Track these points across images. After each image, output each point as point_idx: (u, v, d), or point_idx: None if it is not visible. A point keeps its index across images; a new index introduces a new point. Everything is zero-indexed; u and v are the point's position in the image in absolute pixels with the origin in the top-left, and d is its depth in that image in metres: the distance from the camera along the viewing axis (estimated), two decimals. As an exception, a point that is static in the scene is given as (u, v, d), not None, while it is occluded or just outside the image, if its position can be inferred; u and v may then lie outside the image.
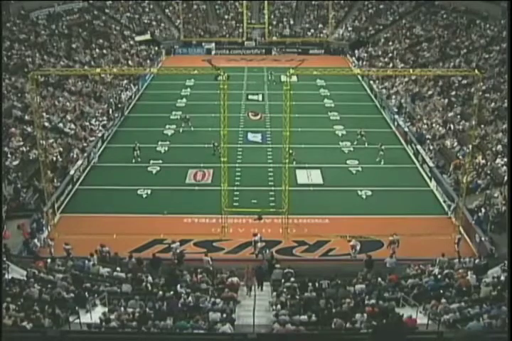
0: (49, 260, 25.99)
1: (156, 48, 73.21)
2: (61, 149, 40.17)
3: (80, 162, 39.33)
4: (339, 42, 77.02)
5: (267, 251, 29.04)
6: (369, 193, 36.46)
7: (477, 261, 26.57)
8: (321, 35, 78.06)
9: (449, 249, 28.51)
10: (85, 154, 40.84)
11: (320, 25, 79.34)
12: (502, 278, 23.21)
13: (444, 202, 35.22)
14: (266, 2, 75.21)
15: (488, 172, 35.78)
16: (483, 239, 29.65)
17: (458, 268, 25.67)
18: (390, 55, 66.19)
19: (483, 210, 31.69)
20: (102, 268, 25.81)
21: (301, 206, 33.38)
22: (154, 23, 79.30)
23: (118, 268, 25.64)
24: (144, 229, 31.56)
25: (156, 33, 77.33)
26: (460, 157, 38.43)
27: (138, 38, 73.42)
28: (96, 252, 27.47)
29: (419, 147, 42.07)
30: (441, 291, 23.07)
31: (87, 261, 26.09)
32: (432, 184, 37.82)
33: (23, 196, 33.62)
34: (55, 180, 35.51)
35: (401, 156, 42.87)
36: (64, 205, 34.94)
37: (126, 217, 33.11)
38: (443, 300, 21.67)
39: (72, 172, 37.64)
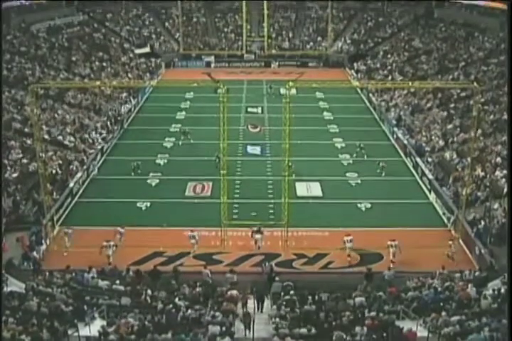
0: (48, 273, 25.90)
1: (156, 61, 73.34)
2: (60, 162, 40.13)
3: (79, 174, 39.30)
4: (338, 55, 77.28)
5: (267, 264, 28.94)
6: (368, 206, 36.42)
7: (477, 273, 26.52)
8: (320, 48, 78.41)
9: (449, 262, 28.43)
10: (85, 167, 40.82)
11: (319, 38, 79.69)
12: (502, 290, 23.13)
13: (444, 214, 35.18)
14: (265, 15, 75.45)
15: (488, 184, 35.75)
16: (483, 251, 29.57)
17: (458, 280, 25.59)
18: (389, 67, 66.40)
19: (482, 222, 31.64)
20: (101, 280, 25.72)
21: (300, 218, 33.25)
22: (154, 36, 79.58)
23: (117, 281, 25.55)
24: (143, 241, 31.45)
25: (155, 46, 77.59)
26: (459, 169, 38.40)
27: (138, 51, 73.68)
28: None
29: (418, 159, 42.05)
30: (442, 304, 23.00)
31: (86, 274, 26.00)
32: (432, 196, 37.79)
33: (22, 208, 33.56)
34: (55, 193, 35.42)
35: (400, 169, 42.86)
36: (63, 218, 34.86)
37: (125, 230, 32.93)
38: (443, 313, 21.59)
39: (71, 184, 37.59)
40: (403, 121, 50.49)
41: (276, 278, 26.38)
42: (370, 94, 59.57)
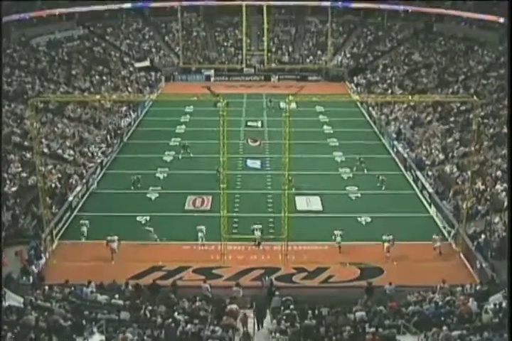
0: (47, 287, 25.81)
1: (156, 75, 73.47)
2: (60, 175, 40.12)
3: (78, 188, 39.31)
4: (338, 68, 77.40)
5: (266, 278, 28.87)
6: (369, 220, 36.40)
7: (478, 287, 26.46)
8: (320, 61, 78.53)
9: (450, 276, 28.34)
10: (84, 180, 40.83)
11: (319, 52, 79.85)
12: (504, 304, 23.03)
13: (444, 228, 35.12)
14: (265, 29, 75.72)
15: (488, 198, 35.74)
16: (483, 265, 29.52)
17: (459, 294, 25.51)
18: (389, 81, 66.51)
19: (483, 236, 31.58)
20: (99, 295, 25.64)
21: (300, 232, 33.21)
22: (154, 49, 79.77)
23: (116, 296, 25.47)
24: (142, 255, 31.44)
25: (155, 60, 77.75)
26: (460, 183, 38.39)
27: (137, 65, 73.82)
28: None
29: (418, 173, 42.09)
30: (443, 318, 22.90)
31: (84, 288, 25.92)
32: (432, 210, 37.77)
33: (21, 222, 33.52)
34: (54, 207, 35.39)
35: (400, 182, 42.88)
36: (62, 232, 34.83)
37: (124, 243, 32.82)
38: (444, 328, 21.46)
39: (70, 198, 37.59)
40: (403, 135, 50.52)
41: (276, 293, 26.29)
42: (370, 108, 59.67)
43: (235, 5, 76.69)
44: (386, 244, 31.68)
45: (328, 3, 77.20)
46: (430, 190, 38.99)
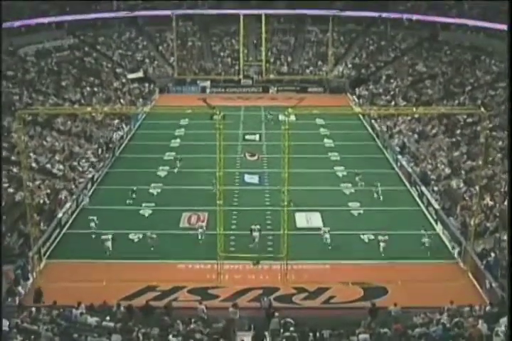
0: (34, 309, 25.59)
1: (149, 86, 73.60)
2: (49, 191, 40.04)
3: (68, 204, 39.19)
4: (339, 79, 77.62)
5: (265, 298, 28.71)
6: (371, 237, 36.23)
7: (488, 308, 26.28)
8: (321, 72, 78.80)
9: (458, 296, 28.19)
10: (74, 196, 40.73)
11: (319, 63, 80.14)
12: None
13: (453, 248, 34.90)
14: (263, 39, 76.00)
15: (497, 214, 35.64)
16: (493, 285, 29.38)
17: (468, 316, 25.34)
18: (392, 92, 66.70)
19: (492, 254, 31.46)
20: (90, 317, 25.43)
21: (300, 251, 33.03)
22: (147, 60, 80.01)
23: (107, 317, 25.29)
24: (135, 275, 31.28)
25: (149, 71, 77.95)
26: (467, 198, 38.32)
27: (130, 76, 74.00)
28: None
29: (423, 188, 42.03)
30: (451, 341, 22.76)
31: (74, 310, 25.73)
32: (438, 227, 37.68)
33: (8, 241, 33.30)
34: (42, 224, 35.26)
35: (405, 198, 42.84)
36: (50, 250, 34.67)
37: (116, 263, 32.81)
38: (452, 351, 21.35)
39: (59, 215, 37.46)
40: (407, 149, 50.55)
41: (276, 314, 26.12)
42: (373, 121, 59.74)
43: (232, 14, 77.09)
44: (382, 244, 33.03)
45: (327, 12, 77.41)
46: (436, 206, 38.92)
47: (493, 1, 61.66)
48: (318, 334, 23.71)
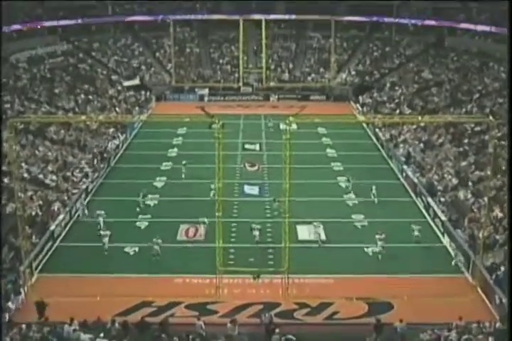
0: (24, 325, 25.46)
1: (146, 94, 73.72)
2: (41, 202, 39.96)
3: (61, 216, 39.09)
4: (342, 87, 77.76)
5: (266, 314, 28.56)
6: (376, 250, 36.14)
7: (498, 325, 26.13)
8: (323, 80, 78.94)
9: (466, 312, 28.06)
10: (67, 208, 40.65)
11: (321, 70, 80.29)
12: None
13: (458, 263, 34.74)
14: (263, 45, 76.15)
15: (507, 226, 35.49)
16: (503, 300, 29.21)
17: (477, 333, 25.22)
18: (397, 100, 66.81)
19: (502, 268, 31.32)
20: (83, 334, 25.27)
21: (302, 264, 33.02)
22: (144, 67, 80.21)
23: (101, 334, 25.15)
24: (130, 290, 31.12)
25: (145, 78, 78.12)
26: (475, 210, 38.25)
27: (126, 83, 74.13)
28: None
29: (430, 199, 41.97)
30: (460, 359, 22.65)
31: (66, 326, 25.58)
32: (445, 240, 37.58)
33: (-2, 254, 33.29)
34: (34, 237, 35.17)
35: (410, 210, 42.77)
36: (42, 264, 34.55)
37: (111, 277, 32.73)
38: (461, 370, 21.24)
39: (52, 227, 37.35)
40: (413, 158, 50.51)
41: (276, 330, 25.98)
42: (377, 130, 59.76)
43: (232, 19, 77.31)
44: (380, 243, 33.82)
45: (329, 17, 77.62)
46: (443, 218, 38.84)
47: (501, 5, 61.68)
48: (321, 351, 23.64)
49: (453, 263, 34.70)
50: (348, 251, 36.39)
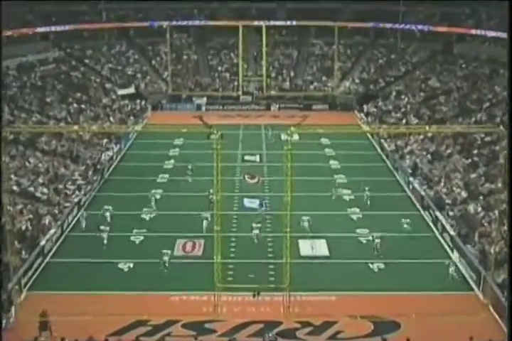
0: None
1: (141, 103, 73.77)
2: (31, 216, 39.91)
3: (52, 231, 39.01)
4: (346, 96, 77.94)
5: (270, 334, 28.44)
6: (382, 266, 36.13)
7: (511, 345, 26.06)
8: (326, 88, 79.13)
9: (477, 331, 27.97)
10: (59, 222, 40.59)
11: (324, 78, 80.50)
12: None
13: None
14: (264, 52, 76.33)
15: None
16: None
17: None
18: (403, 110, 66.87)
19: (514, 286, 31.30)
20: (74, 354, 25.26)
21: (304, 281, 32.97)
22: (139, 75, 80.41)
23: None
24: (124, 308, 31.05)
25: (141, 87, 78.25)
26: (486, 224, 38.20)
27: (121, 92, 74.21)
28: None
29: (438, 213, 41.94)
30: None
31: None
32: (455, 255, 37.48)
33: (-15, 271, 33.22)
34: (23, 252, 35.11)
35: (417, 224, 42.64)
36: (32, 281, 34.43)
37: (104, 294, 32.60)
38: None
39: (43, 242, 37.25)
40: (420, 170, 50.52)
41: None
42: (382, 140, 59.79)
43: (231, 25, 77.49)
44: (377, 241, 34.66)
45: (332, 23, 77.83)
46: (452, 233, 38.77)
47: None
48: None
49: (450, 271, 34.69)
50: (352, 266, 36.31)
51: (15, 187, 42.68)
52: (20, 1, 62.36)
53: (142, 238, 40.12)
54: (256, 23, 78.48)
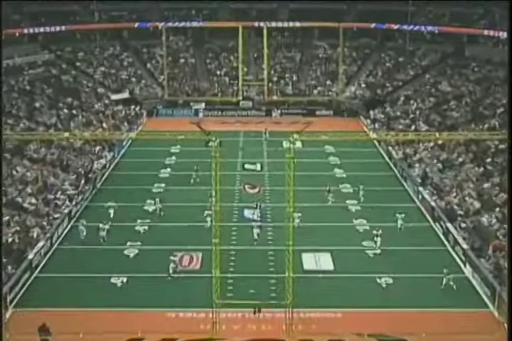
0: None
1: (136, 109, 73.80)
2: (18, 228, 39.86)
3: (40, 244, 38.94)
4: (351, 101, 78.11)
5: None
6: (390, 281, 36.06)
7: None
8: (330, 93, 79.21)
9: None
10: (48, 234, 40.51)
11: (328, 82, 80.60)
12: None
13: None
14: (265, 55, 76.40)
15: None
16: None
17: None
18: (412, 115, 66.93)
19: (532, 302, 31.20)
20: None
21: (308, 297, 32.91)
22: (134, 79, 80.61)
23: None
24: (117, 326, 31.04)
25: (135, 91, 78.34)
26: (500, 237, 38.13)
27: (114, 97, 74.30)
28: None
29: (449, 225, 41.89)
30: None
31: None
32: (467, 270, 37.40)
33: (-31, 286, 33.14)
34: (10, 266, 35.04)
35: (428, 236, 42.72)
36: (19, 298, 34.31)
37: (96, 311, 32.49)
38: None
39: (30, 256, 37.19)
40: (430, 179, 50.51)
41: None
42: (390, 148, 59.81)
43: (230, 26, 77.61)
44: (378, 239, 35.70)
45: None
46: (464, 246, 38.71)
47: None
48: None
49: (444, 281, 34.80)
50: (358, 281, 36.21)
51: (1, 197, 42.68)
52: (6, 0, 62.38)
53: (136, 251, 40.07)
54: (257, 24, 78.64)
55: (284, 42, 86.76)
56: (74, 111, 66.22)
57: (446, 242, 41.58)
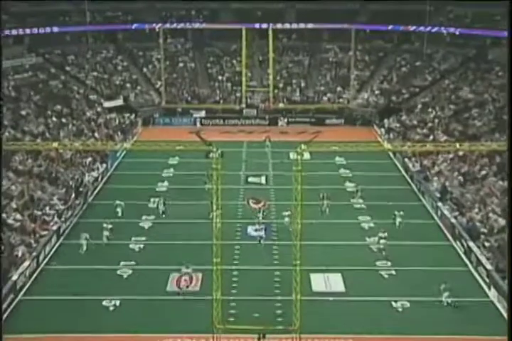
0: None
1: (131, 117, 73.91)
2: (2, 247, 39.77)
3: (26, 264, 38.86)
4: (364, 109, 78.14)
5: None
6: (407, 305, 35.89)
7: None
8: (341, 100, 79.21)
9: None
10: (34, 253, 40.42)
11: (339, 88, 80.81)
12: None
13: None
14: (271, 59, 76.52)
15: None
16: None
17: None
18: (430, 125, 66.87)
19: None
20: None
21: (317, 322, 32.84)
22: (129, 85, 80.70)
23: None
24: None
25: (130, 98, 78.42)
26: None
27: (107, 104, 74.40)
28: None
29: (471, 244, 41.75)
30: None
31: None
32: (492, 293, 37.20)
33: (-51, 309, 33.08)
34: (-7, 288, 35.04)
35: (448, 256, 42.58)
36: (3, 321, 34.16)
37: (86, 337, 32.37)
38: None
39: (15, 277, 37.11)
40: (449, 194, 50.42)
41: None
42: (406, 160, 59.78)
43: (233, 28, 77.75)
44: (382, 241, 36.20)
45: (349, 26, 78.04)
46: (488, 267, 38.54)
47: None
48: None
49: (441, 288, 35.09)
50: (371, 305, 36.08)
51: (-16, 213, 42.74)
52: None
53: (130, 272, 39.99)
54: (261, 25, 78.79)
55: (290, 46, 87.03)
56: (63, 120, 66.31)
57: (468, 262, 41.41)
